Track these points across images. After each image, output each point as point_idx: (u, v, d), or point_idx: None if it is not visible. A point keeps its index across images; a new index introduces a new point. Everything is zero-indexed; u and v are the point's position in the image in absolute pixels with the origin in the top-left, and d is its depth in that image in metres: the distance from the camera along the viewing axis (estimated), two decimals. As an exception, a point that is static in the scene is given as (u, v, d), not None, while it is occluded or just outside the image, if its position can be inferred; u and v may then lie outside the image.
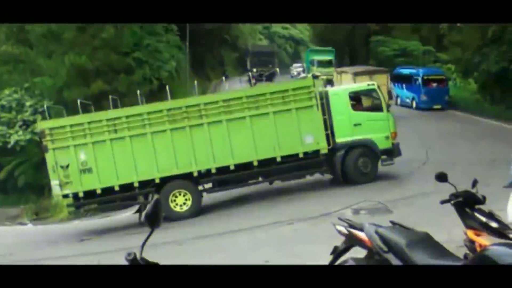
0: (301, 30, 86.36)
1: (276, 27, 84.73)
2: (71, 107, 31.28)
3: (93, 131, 15.69)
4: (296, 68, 55.79)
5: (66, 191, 15.73)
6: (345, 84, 26.26)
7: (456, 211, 6.52)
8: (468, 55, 34.99)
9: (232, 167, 16.22)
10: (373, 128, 17.11)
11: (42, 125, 16.08)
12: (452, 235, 8.57)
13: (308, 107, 16.54)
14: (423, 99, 33.18)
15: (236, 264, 3.46)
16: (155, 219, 3.50)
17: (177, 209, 16.03)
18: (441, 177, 6.57)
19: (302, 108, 16.50)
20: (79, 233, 17.17)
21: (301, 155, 16.58)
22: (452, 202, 6.45)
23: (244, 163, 16.31)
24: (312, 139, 16.59)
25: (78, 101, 18.08)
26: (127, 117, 15.93)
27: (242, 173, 16.46)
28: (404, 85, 35.48)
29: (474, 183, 6.58)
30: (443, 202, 6.57)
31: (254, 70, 46.83)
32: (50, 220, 22.75)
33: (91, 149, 15.62)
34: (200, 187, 16.69)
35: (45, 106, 19.85)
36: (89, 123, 15.72)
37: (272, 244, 11.62)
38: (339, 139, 16.85)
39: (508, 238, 5.82)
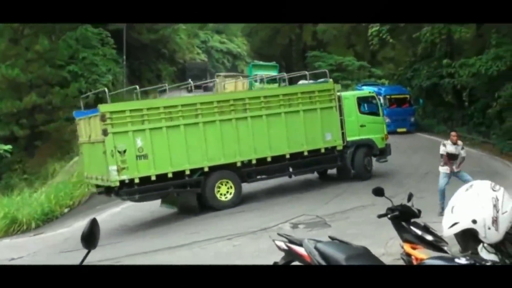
0: (239, 45, 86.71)
1: (214, 42, 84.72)
2: (4, 121, 30.61)
3: (151, 117, 15.74)
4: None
5: (123, 177, 15.33)
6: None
7: (392, 224, 6.64)
8: (401, 71, 36.06)
9: (269, 159, 17.26)
10: (373, 130, 19.47)
11: (103, 108, 15.53)
12: (389, 248, 8.71)
13: (329, 107, 18.27)
14: (385, 122, 29.57)
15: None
16: (91, 239, 3.37)
17: (222, 198, 16.69)
18: (378, 192, 6.70)
19: (324, 108, 18.15)
20: (8, 252, 16.43)
21: (322, 151, 18.17)
22: (389, 216, 6.57)
23: (278, 156, 17.44)
24: (331, 137, 18.29)
25: None
26: (182, 106, 16.34)
27: (276, 165, 17.60)
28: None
29: (410, 197, 6.73)
30: (380, 216, 6.69)
31: (190, 80, 47.96)
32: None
33: (148, 136, 15.56)
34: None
35: None
36: (148, 109, 15.85)
37: (210, 260, 11.49)
38: (349, 138, 18.71)
39: (443, 251, 5.96)
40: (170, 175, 15.89)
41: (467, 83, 27.86)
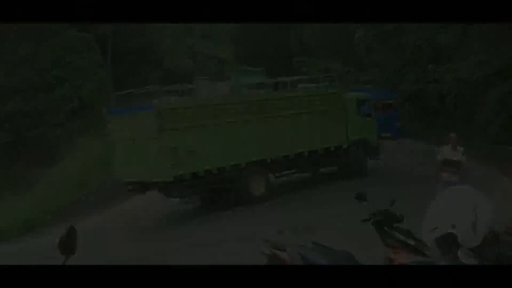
0: (225, 50, 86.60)
1: (200, 47, 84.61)
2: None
3: (199, 115, 16.46)
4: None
5: (176, 173, 15.71)
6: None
7: (375, 229, 6.65)
8: (387, 76, 36.17)
9: (292, 156, 18.50)
10: (369, 130, 21.01)
11: (159, 105, 15.92)
12: (373, 253, 8.70)
13: (338, 109, 20.05)
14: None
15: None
16: (69, 246, 3.33)
17: (255, 193, 17.62)
18: (361, 196, 6.71)
19: (334, 109, 19.95)
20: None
21: (332, 149, 19.74)
22: (372, 220, 6.57)
23: (299, 153, 18.75)
24: (339, 136, 19.84)
25: None
26: (225, 104, 17.40)
27: (298, 161, 18.92)
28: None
29: (392, 202, 6.74)
30: (363, 221, 6.69)
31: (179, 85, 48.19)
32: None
33: (197, 132, 16.25)
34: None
35: None
36: (197, 106, 16.69)
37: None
38: (351, 137, 20.22)
39: (425, 255, 5.96)
40: (215, 171, 16.56)
41: (452, 88, 27.98)
